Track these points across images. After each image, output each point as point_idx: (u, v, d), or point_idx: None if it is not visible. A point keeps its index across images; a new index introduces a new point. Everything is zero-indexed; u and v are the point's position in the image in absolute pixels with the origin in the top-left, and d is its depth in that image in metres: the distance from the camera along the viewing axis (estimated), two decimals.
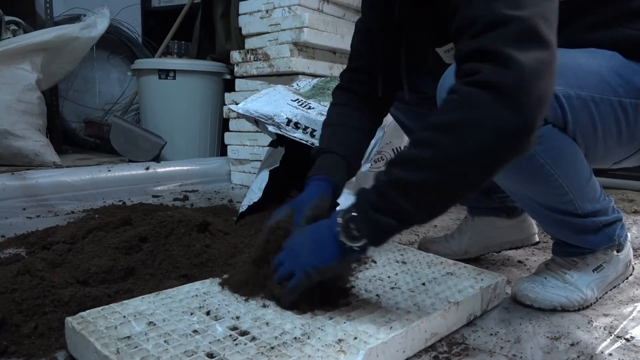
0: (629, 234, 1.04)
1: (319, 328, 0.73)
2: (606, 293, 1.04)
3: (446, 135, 0.67)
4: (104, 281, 0.92)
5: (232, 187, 2.35)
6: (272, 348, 0.67)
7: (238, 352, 0.66)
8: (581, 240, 0.97)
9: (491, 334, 0.87)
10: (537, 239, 1.24)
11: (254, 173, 2.19)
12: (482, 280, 0.95)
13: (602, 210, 0.95)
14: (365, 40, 1.07)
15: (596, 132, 0.87)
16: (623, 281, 1.07)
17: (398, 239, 1.46)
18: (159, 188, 2.19)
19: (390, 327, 0.74)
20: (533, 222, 1.23)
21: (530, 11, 0.66)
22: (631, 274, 1.07)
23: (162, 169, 2.29)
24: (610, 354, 0.80)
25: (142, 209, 1.63)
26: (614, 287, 1.05)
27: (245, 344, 0.68)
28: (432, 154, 0.67)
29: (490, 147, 0.65)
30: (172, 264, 1.02)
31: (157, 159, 2.42)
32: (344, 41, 2.30)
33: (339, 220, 0.74)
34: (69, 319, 0.74)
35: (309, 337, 0.70)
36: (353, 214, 0.73)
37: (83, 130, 3.19)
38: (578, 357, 0.79)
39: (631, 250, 1.05)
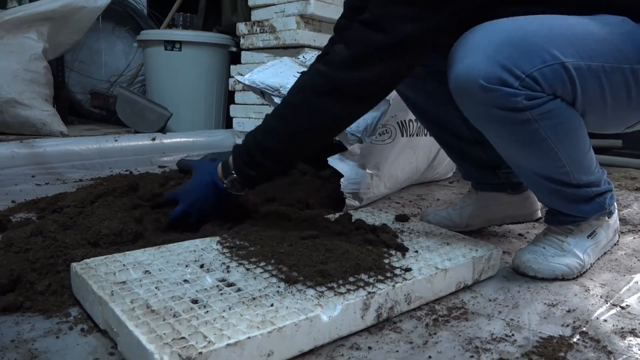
0: (630, 210, 1.06)
1: (302, 286, 0.76)
2: (599, 259, 1.09)
3: (295, 114, 0.92)
4: (114, 243, 0.94)
5: None
6: (254, 299, 0.71)
7: (221, 300, 0.70)
8: (574, 209, 1.00)
9: (490, 300, 0.89)
10: (540, 215, 1.26)
11: None
12: (476, 250, 0.96)
13: (595, 181, 0.99)
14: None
15: (605, 101, 0.88)
16: (612, 247, 1.11)
17: (401, 211, 1.48)
18: (165, 159, 2.21)
19: (370, 291, 0.76)
20: (535, 199, 1.24)
21: (419, 26, 0.82)
22: (617, 241, 1.13)
23: (168, 140, 2.31)
24: (605, 320, 0.83)
25: (149, 178, 1.65)
26: (605, 253, 1.10)
27: (229, 294, 0.72)
28: (285, 127, 0.92)
29: (326, 127, 0.93)
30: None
31: (163, 130, 2.44)
32: None
33: (225, 181, 0.99)
34: (74, 264, 0.79)
35: (291, 292, 0.73)
36: (234, 176, 0.98)
37: (89, 101, 3.20)
38: (574, 322, 0.82)
39: (618, 218, 1.10)
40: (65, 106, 2.85)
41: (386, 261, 0.87)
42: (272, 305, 0.69)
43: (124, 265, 0.80)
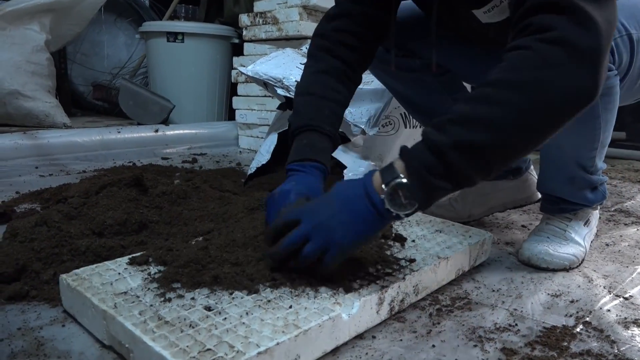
0: (634, 202, 1.07)
1: (316, 285, 0.73)
2: (605, 246, 1.11)
3: (521, 94, 0.63)
4: (118, 233, 0.95)
5: (240, 151, 2.37)
6: (269, 301, 0.68)
7: (235, 305, 0.66)
8: (581, 196, 1.01)
9: (493, 290, 0.89)
10: (539, 196, 1.26)
11: (262, 137, 2.21)
12: (470, 237, 0.97)
13: (602, 170, 1.01)
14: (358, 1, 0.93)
15: None
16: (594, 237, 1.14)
17: None
18: (168, 150, 2.21)
19: (383, 285, 0.75)
20: (534, 180, 1.24)
21: None
22: (596, 233, 1.15)
23: (171, 131, 2.31)
24: (609, 310, 0.83)
25: (153, 170, 1.66)
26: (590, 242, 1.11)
27: (241, 298, 0.68)
28: (503, 113, 0.63)
29: (564, 109, 0.64)
30: (182, 220, 1.05)
31: (166, 122, 2.44)
32: None
33: (385, 187, 0.66)
34: (63, 276, 0.73)
35: (304, 291, 0.70)
36: (402, 180, 0.65)
37: (91, 93, 3.20)
38: (577, 312, 0.82)
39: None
40: (67, 98, 2.86)
41: (388, 252, 0.87)
42: (290, 307, 0.66)
43: (119, 273, 0.74)
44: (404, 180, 0.65)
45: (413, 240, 0.94)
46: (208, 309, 0.65)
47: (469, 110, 0.64)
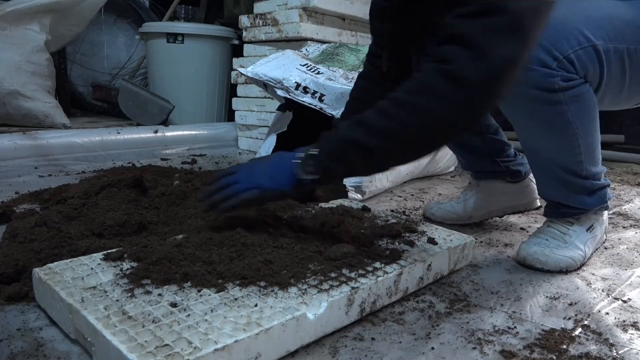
0: (632, 205, 1.08)
1: (285, 283, 0.73)
2: (604, 250, 1.11)
3: (407, 114, 0.75)
4: (118, 234, 0.95)
5: (240, 152, 2.37)
6: (236, 299, 0.68)
7: (201, 302, 0.66)
8: (578, 200, 1.01)
9: (492, 293, 0.89)
10: (539, 204, 1.27)
11: (261, 139, 2.21)
12: (450, 240, 0.97)
13: (598, 174, 1.01)
14: (378, 18, 1.05)
15: (624, 81, 0.91)
16: (601, 245, 1.14)
17: (403, 205, 1.48)
18: (168, 151, 2.21)
19: (354, 286, 0.74)
20: (535, 187, 1.25)
21: (526, 4, 0.68)
22: (605, 240, 1.16)
23: (170, 132, 2.31)
24: (607, 313, 0.83)
25: (152, 171, 1.66)
26: (596, 249, 1.11)
27: (209, 295, 0.68)
28: (391, 126, 0.76)
29: (440, 133, 0.76)
30: (178, 220, 1.05)
31: (165, 123, 2.44)
32: (353, 7, 2.28)
33: (301, 154, 0.83)
34: (36, 269, 0.74)
35: (272, 291, 0.70)
36: (314, 152, 0.82)
37: (91, 94, 3.20)
38: (576, 315, 0.82)
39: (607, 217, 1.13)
40: (67, 98, 2.85)
41: (365, 253, 0.87)
42: (256, 305, 0.66)
43: (91, 268, 0.75)
44: (314, 153, 0.82)
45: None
46: (173, 305, 0.65)
47: (371, 117, 0.78)
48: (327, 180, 0.87)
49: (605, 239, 1.16)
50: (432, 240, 0.95)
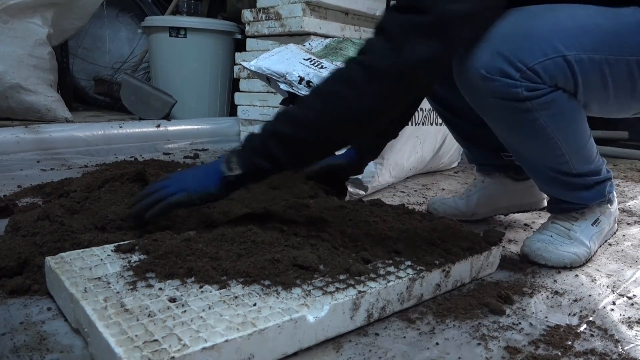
0: (636, 202, 1.07)
1: (290, 283, 0.71)
2: (608, 246, 1.10)
3: (323, 103, 0.79)
4: (121, 228, 0.94)
5: None
6: (236, 297, 0.66)
7: (200, 298, 0.65)
8: (575, 196, 1.01)
9: (496, 289, 0.89)
10: (545, 204, 1.26)
11: None
12: (475, 247, 0.91)
13: (595, 170, 1.00)
14: None
15: (607, 92, 0.89)
16: (612, 236, 1.13)
17: (406, 200, 1.48)
18: (170, 146, 2.21)
19: (361, 290, 0.72)
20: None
21: (454, 8, 0.73)
22: (617, 230, 1.14)
23: (172, 127, 2.30)
24: (612, 309, 0.83)
25: (155, 165, 1.66)
26: (606, 241, 1.11)
27: (210, 292, 0.67)
28: (308, 115, 0.80)
29: (353, 122, 0.79)
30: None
31: (168, 117, 2.43)
32: (356, 2, 2.27)
33: (225, 153, 0.86)
34: (48, 258, 0.75)
35: (275, 290, 0.69)
36: (238, 149, 0.85)
37: (93, 88, 3.19)
38: (581, 311, 0.81)
39: (617, 207, 1.11)
40: (69, 92, 2.85)
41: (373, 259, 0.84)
42: (254, 305, 0.64)
43: (101, 259, 0.75)
44: (238, 149, 0.85)
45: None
46: (172, 300, 0.65)
47: (292, 108, 0.82)
48: (255, 176, 0.85)
49: (617, 229, 1.14)
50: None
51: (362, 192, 1.45)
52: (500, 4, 0.83)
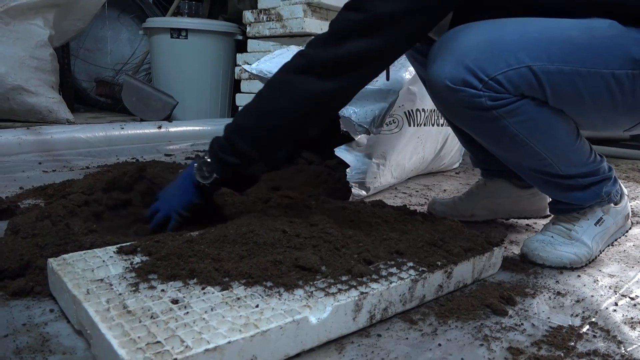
0: (638, 202, 1.06)
1: (292, 284, 0.71)
2: (609, 247, 1.09)
3: (272, 91, 0.88)
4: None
5: None
6: (239, 299, 0.66)
7: (203, 300, 0.65)
8: (569, 196, 1.01)
9: (498, 289, 0.89)
10: (547, 213, 1.24)
11: None
12: (477, 247, 0.91)
13: (589, 172, 0.99)
14: None
15: (585, 104, 0.89)
16: (623, 234, 1.11)
17: (408, 201, 1.48)
18: (171, 147, 2.21)
19: (363, 291, 0.71)
20: (544, 196, 1.22)
21: (387, 9, 0.79)
22: (630, 228, 1.12)
23: (174, 128, 2.30)
24: (615, 310, 0.83)
25: (156, 166, 1.65)
26: (616, 240, 1.09)
27: (212, 293, 0.67)
28: (261, 104, 0.88)
29: (302, 108, 0.86)
30: None
31: (169, 118, 2.44)
32: None
33: (195, 165, 0.91)
34: (50, 259, 0.75)
35: (278, 292, 0.68)
36: (206, 159, 0.91)
37: (94, 89, 3.20)
38: (583, 312, 0.81)
39: (629, 203, 1.10)
40: (71, 94, 2.85)
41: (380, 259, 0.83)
42: (257, 306, 0.64)
43: (103, 261, 0.75)
44: (206, 159, 0.91)
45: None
46: (175, 302, 0.65)
47: (250, 102, 0.89)
48: (228, 174, 0.91)
49: (632, 225, 1.12)
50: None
51: (363, 193, 1.45)
52: (433, 12, 0.84)
